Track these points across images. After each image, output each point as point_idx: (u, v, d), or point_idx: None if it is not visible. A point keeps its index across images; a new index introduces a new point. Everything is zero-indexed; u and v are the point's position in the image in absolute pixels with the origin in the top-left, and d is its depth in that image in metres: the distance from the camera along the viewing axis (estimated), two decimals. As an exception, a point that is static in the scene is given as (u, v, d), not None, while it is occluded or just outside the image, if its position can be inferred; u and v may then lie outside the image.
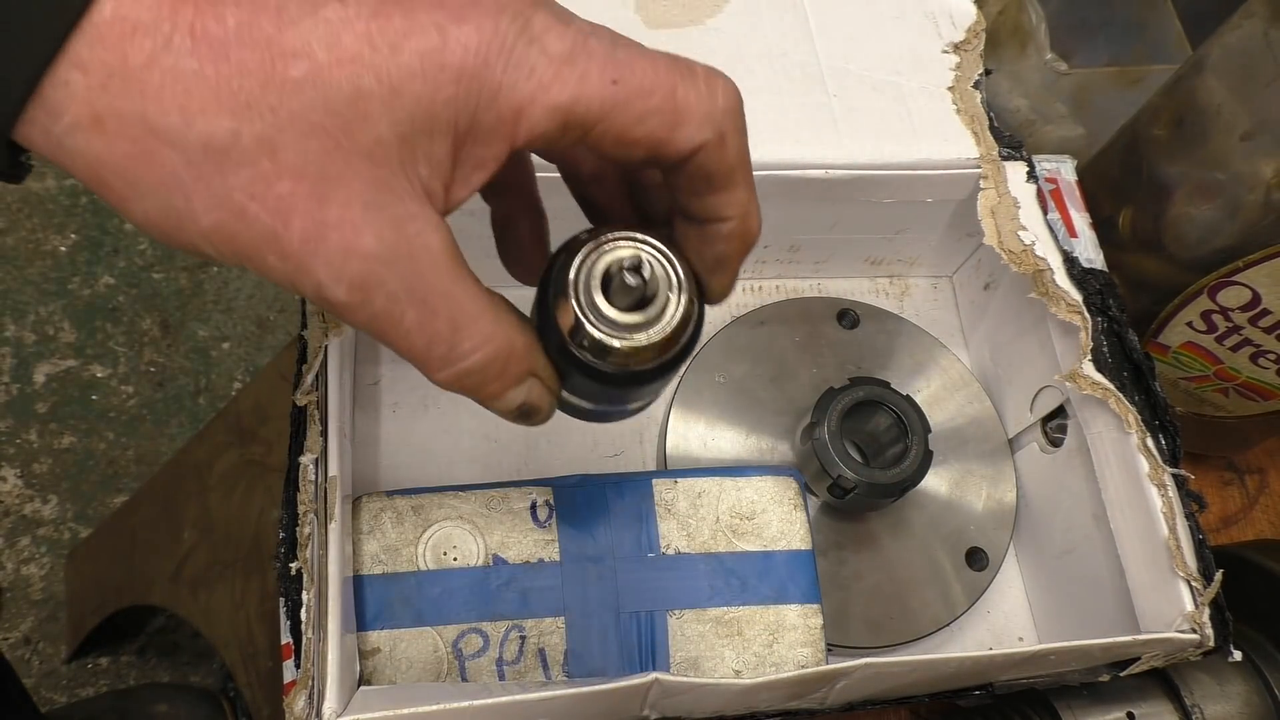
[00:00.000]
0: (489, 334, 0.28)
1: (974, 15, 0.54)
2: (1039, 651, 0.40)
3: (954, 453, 0.53)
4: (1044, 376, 0.50)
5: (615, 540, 0.45)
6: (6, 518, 1.24)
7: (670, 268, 0.30)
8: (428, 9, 0.25)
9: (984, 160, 0.50)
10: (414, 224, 0.26)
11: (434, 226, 0.27)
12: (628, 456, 0.52)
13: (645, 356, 0.30)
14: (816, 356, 0.54)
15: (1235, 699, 0.46)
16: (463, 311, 0.28)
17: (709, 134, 0.28)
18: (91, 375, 1.34)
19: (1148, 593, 0.43)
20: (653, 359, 0.30)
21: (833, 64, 0.51)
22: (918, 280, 0.60)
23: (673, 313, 0.30)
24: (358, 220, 0.25)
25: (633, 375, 0.30)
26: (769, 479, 0.47)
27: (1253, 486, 0.61)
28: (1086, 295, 0.47)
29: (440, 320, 0.27)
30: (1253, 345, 0.49)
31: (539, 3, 0.27)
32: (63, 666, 1.15)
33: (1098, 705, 0.45)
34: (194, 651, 1.16)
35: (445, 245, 0.27)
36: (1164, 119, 0.51)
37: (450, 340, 0.28)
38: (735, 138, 0.29)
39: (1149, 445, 0.44)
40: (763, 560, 0.46)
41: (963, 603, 0.50)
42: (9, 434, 1.28)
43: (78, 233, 1.43)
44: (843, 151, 0.49)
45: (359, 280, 0.26)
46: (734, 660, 0.44)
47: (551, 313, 0.30)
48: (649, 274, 0.30)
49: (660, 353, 0.30)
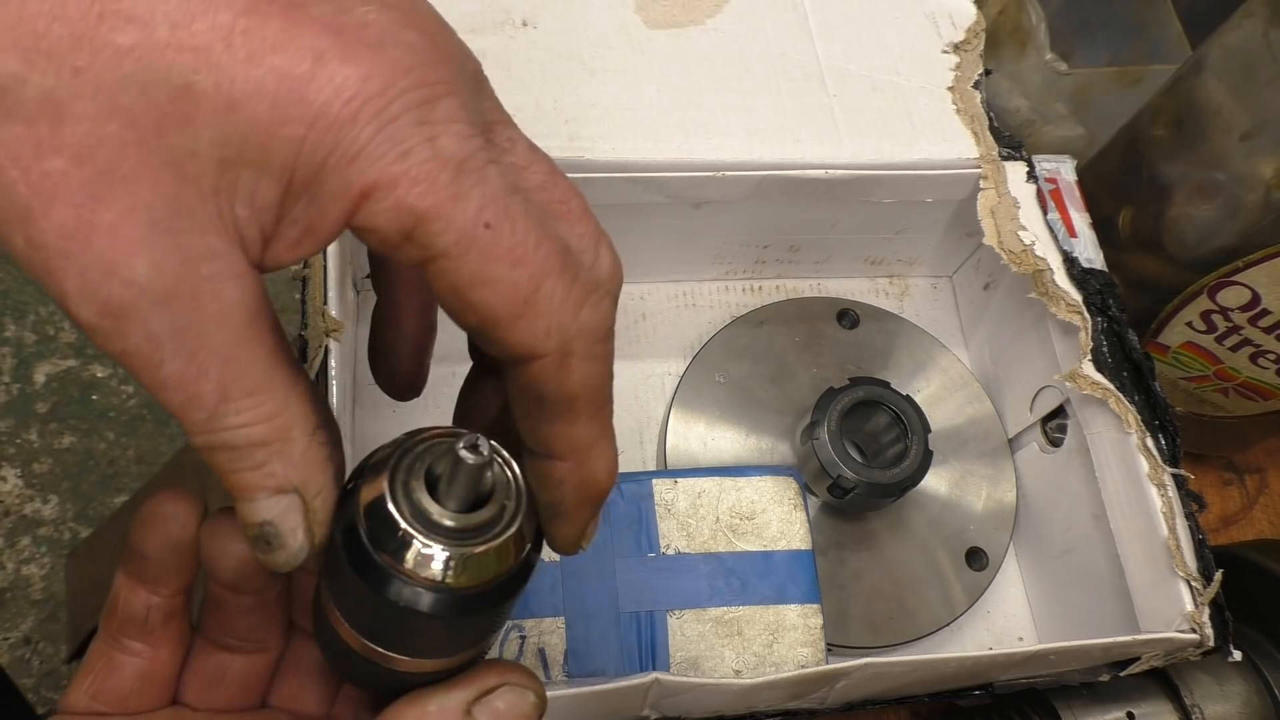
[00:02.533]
0: (267, 413, 0.22)
1: (974, 15, 0.54)
2: (1039, 651, 0.40)
3: (954, 453, 0.53)
4: (1044, 376, 0.50)
5: (615, 540, 0.45)
6: (6, 518, 1.24)
7: (513, 478, 0.25)
8: (317, 31, 0.21)
9: (984, 160, 0.50)
10: (209, 265, 0.21)
11: (235, 274, 0.22)
12: (628, 456, 0.52)
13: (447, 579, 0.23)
14: (816, 356, 0.54)
15: (1235, 699, 0.46)
16: (240, 381, 0.22)
17: (549, 346, 0.23)
18: (92, 375, 1.34)
19: (1148, 593, 0.43)
20: (453, 582, 0.23)
21: (833, 64, 0.51)
22: (918, 280, 0.60)
23: (505, 529, 0.24)
24: (135, 237, 0.20)
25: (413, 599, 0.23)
26: (769, 479, 0.47)
27: (1253, 486, 0.61)
28: (1086, 295, 0.47)
29: (207, 383, 0.22)
30: (1252, 345, 0.49)
31: (465, 89, 0.23)
32: (63, 666, 1.15)
33: (1098, 705, 0.45)
34: (194, 651, 1.16)
35: (243, 299, 0.22)
36: (1164, 119, 0.51)
37: (213, 409, 0.22)
38: (584, 364, 0.23)
39: (1149, 445, 0.44)
40: (763, 560, 0.46)
41: (963, 603, 0.50)
42: (9, 434, 1.28)
43: (78, 233, 1.43)
44: (843, 151, 0.49)
45: (114, 307, 0.21)
46: (734, 660, 0.44)
47: (353, 490, 0.24)
48: (488, 465, 0.23)
49: (465, 576, 0.23)
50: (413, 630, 0.24)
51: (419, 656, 0.24)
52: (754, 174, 0.48)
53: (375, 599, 0.23)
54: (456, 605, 0.23)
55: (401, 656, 0.24)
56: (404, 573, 0.23)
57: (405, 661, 0.24)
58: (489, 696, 0.24)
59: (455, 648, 0.25)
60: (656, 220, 0.50)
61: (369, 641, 0.24)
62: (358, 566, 0.23)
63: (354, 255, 0.47)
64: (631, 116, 0.47)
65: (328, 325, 0.41)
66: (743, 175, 0.48)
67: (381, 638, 0.24)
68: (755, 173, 0.48)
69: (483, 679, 0.25)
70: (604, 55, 0.49)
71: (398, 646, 0.24)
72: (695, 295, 0.57)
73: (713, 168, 0.48)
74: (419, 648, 0.24)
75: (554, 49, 0.49)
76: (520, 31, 0.49)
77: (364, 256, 0.50)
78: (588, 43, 0.49)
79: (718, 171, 0.48)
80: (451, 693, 0.24)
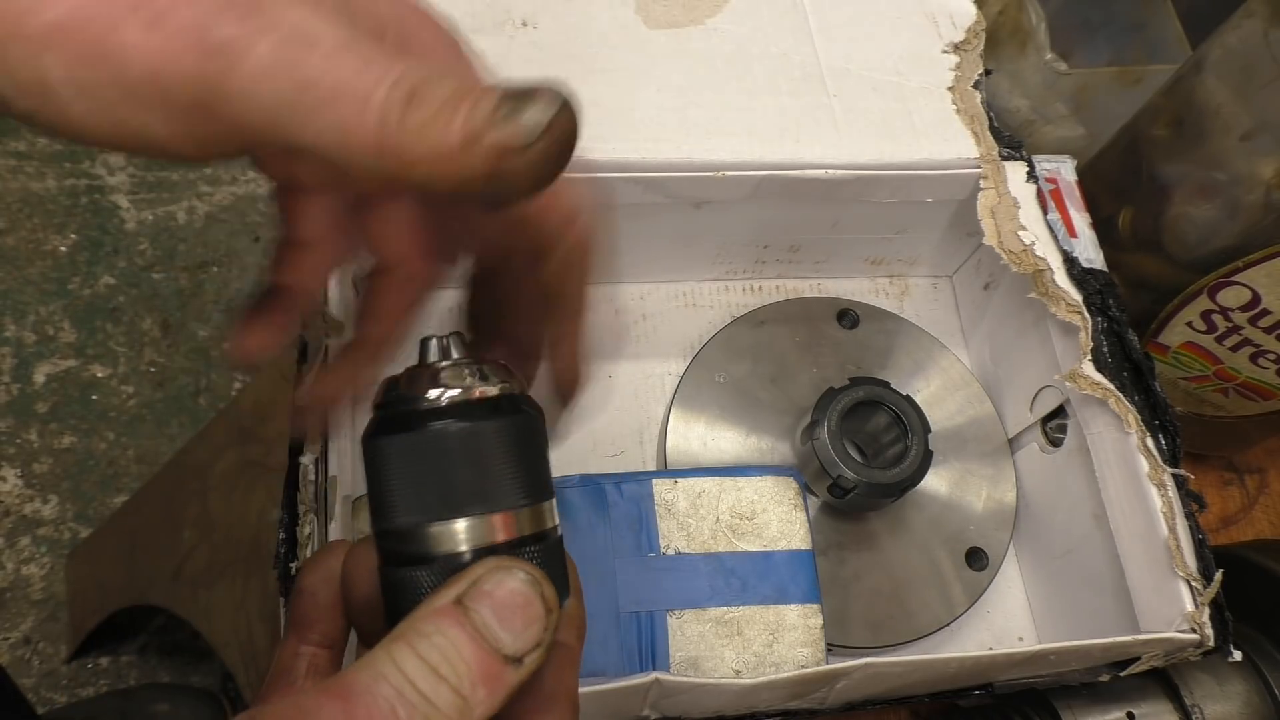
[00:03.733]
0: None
1: (974, 15, 0.54)
2: (1039, 651, 0.40)
3: (954, 453, 0.53)
4: (1044, 376, 0.50)
5: (615, 540, 0.45)
6: (6, 518, 1.24)
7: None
8: None
9: (984, 160, 0.50)
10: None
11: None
12: (628, 456, 0.52)
13: (464, 392, 0.26)
14: (816, 356, 0.54)
15: (1235, 699, 0.46)
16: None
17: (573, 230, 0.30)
18: (91, 375, 1.34)
19: (1148, 593, 0.43)
20: (467, 394, 0.26)
21: (833, 64, 0.51)
22: (918, 280, 0.60)
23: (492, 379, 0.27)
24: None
25: (446, 420, 0.26)
26: (769, 479, 0.47)
27: (1253, 486, 0.61)
28: (1086, 295, 0.47)
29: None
30: (1252, 345, 0.49)
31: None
32: (63, 666, 1.15)
33: (1098, 705, 0.45)
34: (194, 651, 1.16)
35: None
36: (1164, 119, 0.51)
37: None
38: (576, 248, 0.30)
39: (1149, 445, 0.44)
40: (763, 560, 0.46)
41: (963, 603, 0.50)
42: (9, 434, 1.28)
43: (78, 233, 1.43)
44: (843, 151, 0.49)
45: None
46: (734, 660, 0.44)
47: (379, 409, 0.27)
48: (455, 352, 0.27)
49: (471, 386, 0.26)
50: (451, 461, 0.26)
51: (463, 508, 0.26)
52: (754, 174, 0.48)
53: (413, 443, 0.25)
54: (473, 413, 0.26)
55: (454, 519, 0.25)
56: (432, 402, 0.26)
57: (454, 530, 0.26)
58: (477, 584, 0.24)
59: (490, 486, 0.26)
60: (656, 220, 0.50)
61: (419, 520, 0.26)
62: (394, 425, 0.26)
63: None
64: (631, 116, 0.47)
65: (328, 325, 0.41)
66: (743, 175, 0.48)
67: (426, 499, 0.26)
68: (755, 173, 0.48)
69: (471, 573, 0.25)
70: (604, 55, 0.49)
71: (444, 500, 0.26)
72: (695, 295, 0.57)
73: (713, 168, 0.48)
74: (464, 493, 0.26)
75: (554, 49, 0.49)
76: (520, 31, 0.49)
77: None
78: (588, 43, 0.49)
79: (718, 171, 0.48)
80: (441, 592, 0.25)
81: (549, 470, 0.28)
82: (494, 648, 0.24)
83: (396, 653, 0.23)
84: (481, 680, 0.23)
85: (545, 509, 0.27)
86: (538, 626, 0.24)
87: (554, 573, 0.26)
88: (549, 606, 0.25)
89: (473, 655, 0.23)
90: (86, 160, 1.48)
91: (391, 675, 0.23)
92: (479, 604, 0.24)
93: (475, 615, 0.24)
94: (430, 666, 0.23)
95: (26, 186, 1.45)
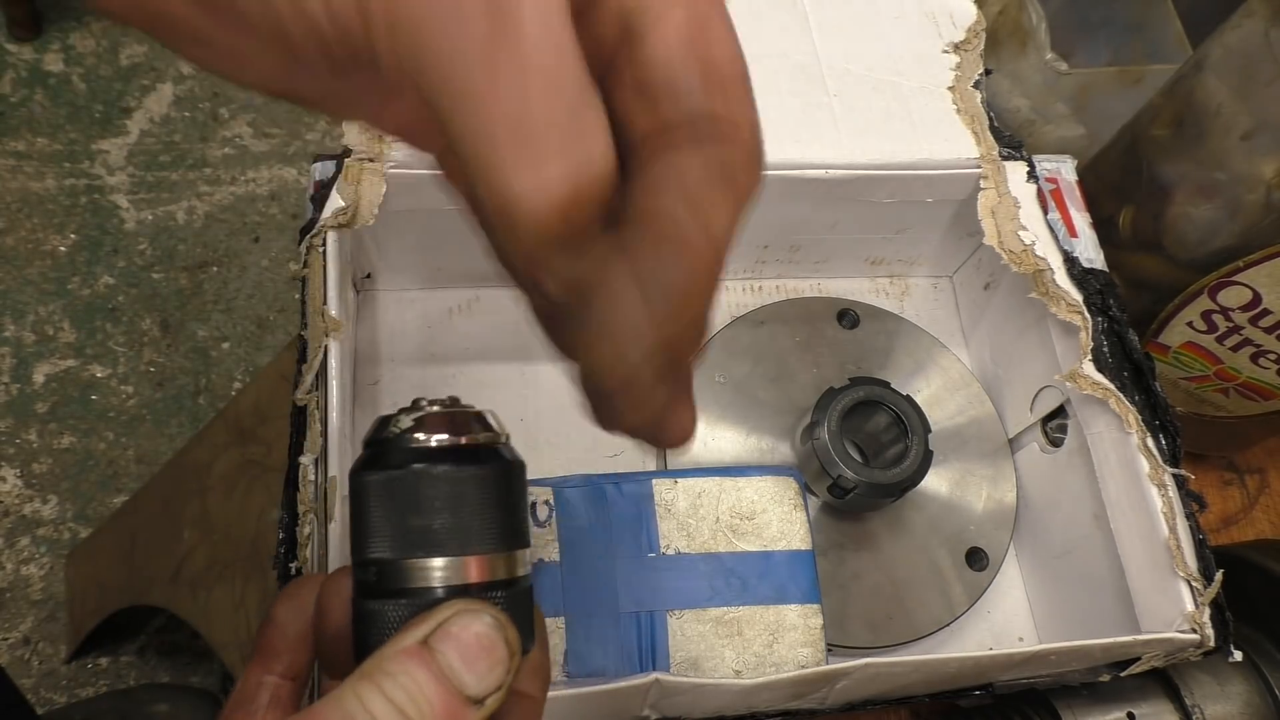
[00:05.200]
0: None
1: (974, 15, 0.54)
2: (1039, 651, 0.40)
3: (954, 453, 0.53)
4: (1044, 376, 0.50)
5: (615, 540, 0.45)
6: (6, 518, 1.24)
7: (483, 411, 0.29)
8: None
9: (984, 160, 0.50)
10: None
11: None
12: (628, 456, 0.52)
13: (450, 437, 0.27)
14: (816, 356, 0.54)
15: (1235, 699, 0.46)
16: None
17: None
18: (91, 375, 1.34)
19: (1148, 593, 0.43)
20: (455, 439, 0.27)
21: (833, 64, 0.51)
22: (918, 280, 0.60)
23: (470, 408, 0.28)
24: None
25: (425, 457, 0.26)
26: (769, 479, 0.47)
27: (1253, 486, 0.61)
28: (1087, 295, 0.47)
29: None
30: (1253, 345, 0.49)
31: None
32: (63, 666, 1.15)
33: (1098, 705, 0.45)
34: (194, 651, 1.16)
35: None
36: (1164, 119, 0.51)
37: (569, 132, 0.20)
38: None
39: (1149, 445, 0.44)
40: (763, 560, 0.46)
41: (963, 603, 0.50)
42: (9, 434, 1.28)
43: (78, 233, 1.43)
44: (843, 151, 0.49)
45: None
46: (734, 660, 0.44)
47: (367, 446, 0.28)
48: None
49: (449, 430, 0.27)
50: (433, 501, 0.26)
51: (439, 547, 0.26)
52: (754, 174, 0.48)
53: (398, 480, 0.26)
54: (455, 457, 0.26)
55: (429, 557, 0.26)
56: (413, 439, 0.26)
57: (428, 567, 0.26)
58: (443, 625, 0.25)
59: (467, 529, 0.26)
60: (656, 220, 0.50)
61: (395, 555, 0.26)
62: (383, 462, 0.26)
63: (354, 255, 0.47)
64: (631, 116, 0.47)
65: (328, 325, 0.41)
66: (743, 175, 0.48)
67: (405, 535, 0.26)
68: (755, 173, 0.48)
69: (438, 614, 0.25)
70: (604, 55, 0.49)
71: (421, 538, 0.26)
72: (695, 295, 0.57)
73: (713, 168, 0.48)
74: (439, 532, 0.26)
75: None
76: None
77: (363, 257, 0.50)
78: (588, 42, 0.49)
79: (718, 171, 0.48)
80: (407, 632, 0.25)
81: (526, 521, 0.28)
82: (457, 689, 0.24)
83: (363, 692, 0.24)
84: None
85: (518, 557, 0.27)
86: (500, 669, 0.25)
87: (520, 619, 0.26)
88: (512, 650, 0.25)
89: (437, 696, 0.24)
90: (86, 160, 1.48)
91: (358, 715, 0.23)
92: (445, 646, 0.25)
93: (441, 657, 0.24)
94: (396, 707, 0.23)
95: (26, 186, 1.45)
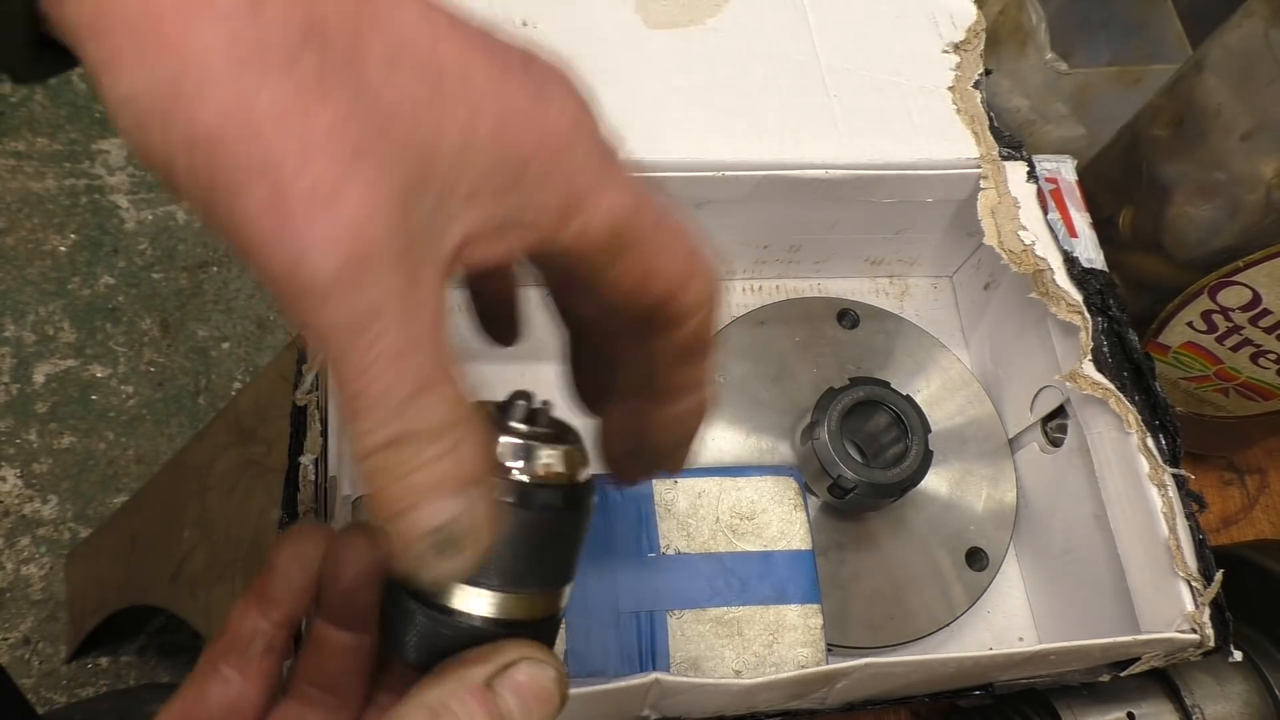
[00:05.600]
0: (458, 396, 0.22)
1: (974, 15, 0.54)
2: (1039, 651, 0.40)
3: (954, 453, 0.53)
4: (1044, 376, 0.50)
5: (615, 540, 0.45)
6: (6, 518, 1.24)
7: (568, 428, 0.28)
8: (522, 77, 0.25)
9: (984, 160, 0.50)
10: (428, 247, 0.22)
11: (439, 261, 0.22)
12: (628, 456, 0.52)
13: (561, 475, 0.26)
14: (816, 356, 0.54)
15: (1235, 699, 0.46)
16: (442, 362, 0.21)
17: (708, 297, 0.27)
18: (91, 375, 1.34)
19: (1148, 593, 0.43)
20: (566, 478, 0.26)
21: (833, 64, 0.51)
22: (918, 280, 0.60)
23: (570, 443, 0.27)
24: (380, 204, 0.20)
25: (551, 497, 0.26)
26: (769, 479, 0.47)
27: (1253, 486, 0.61)
28: (1086, 295, 0.47)
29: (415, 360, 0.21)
30: (1253, 345, 0.49)
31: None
32: (63, 666, 1.15)
33: (1098, 705, 0.45)
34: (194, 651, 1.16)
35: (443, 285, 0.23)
36: (1164, 119, 0.51)
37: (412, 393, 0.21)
38: (718, 309, 0.28)
39: (1149, 445, 0.44)
40: (762, 560, 0.45)
41: (963, 603, 0.50)
42: (9, 434, 1.28)
43: (78, 233, 1.43)
44: (843, 151, 0.49)
45: (357, 260, 0.20)
46: (734, 660, 0.44)
47: None
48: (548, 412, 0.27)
49: (571, 472, 0.26)
50: (527, 544, 0.25)
51: (503, 584, 0.25)
52: (754, 174, 0.48)
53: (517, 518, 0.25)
54: (538, 500, 0.25)
55: (485, 591, 0.25)
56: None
57: (482, 595, 0.25)
58: (509, 670, 0.25)
59: (532, 571, 0.26)
60: (656, 220, 0.50)
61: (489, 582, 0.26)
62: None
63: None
64: (631, 117, 0.47)
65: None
66: (743, 175, 0.48)
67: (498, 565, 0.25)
68: (755, 173, 0.48)
69: (502, 654, 0.25)
70: (604, 55, 0.49)
71: (501, 574, 0.25)
72: (695, 295, 0.57)
73: (713, 168, 0.48)
74: (504, 570, 0.25)
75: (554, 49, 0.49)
76: (520, 31, 0.49)
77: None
78: (588, 43, 0.49)
79: (718, 171, 0.48)
80: (472, 668, 0.25)
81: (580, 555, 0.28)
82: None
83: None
84: None
85: (565, 592, 0.28)
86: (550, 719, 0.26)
87: (552, 646, 0.27)
88: (563, 704, 0.26)
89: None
90: (86, 160, 1.48)
91: None
92: (507, 691, 0.25)
93: (502, 702, 0.25)
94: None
95: (26, 186, 1.45)
